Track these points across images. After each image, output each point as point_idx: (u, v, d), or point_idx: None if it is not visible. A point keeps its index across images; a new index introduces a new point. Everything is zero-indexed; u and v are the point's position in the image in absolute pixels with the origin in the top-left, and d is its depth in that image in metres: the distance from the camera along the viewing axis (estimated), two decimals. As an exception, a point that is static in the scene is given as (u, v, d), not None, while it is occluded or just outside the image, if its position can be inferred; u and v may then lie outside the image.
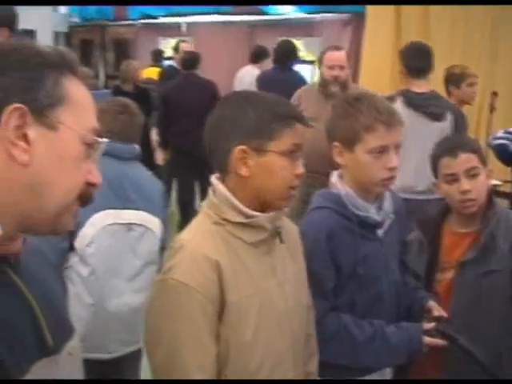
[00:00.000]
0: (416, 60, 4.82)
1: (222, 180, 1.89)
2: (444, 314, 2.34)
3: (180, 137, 6.91)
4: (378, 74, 10.12)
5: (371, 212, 2.29)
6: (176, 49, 9.06)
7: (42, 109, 1.19)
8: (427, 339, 2.25)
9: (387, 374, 2.45)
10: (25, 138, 1.17)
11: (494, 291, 2.41)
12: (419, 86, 4.73)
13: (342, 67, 5.13)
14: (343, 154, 2.26)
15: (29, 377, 1.31)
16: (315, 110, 4.58)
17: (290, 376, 1.94)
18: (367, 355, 2.27)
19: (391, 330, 2.28)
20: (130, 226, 3.02)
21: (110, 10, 14.90)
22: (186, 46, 8.82)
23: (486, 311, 2.42)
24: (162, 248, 3.13)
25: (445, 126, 4.55)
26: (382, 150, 2.19)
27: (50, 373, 1.40)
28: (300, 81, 6.89)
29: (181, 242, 1.83)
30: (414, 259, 2.56)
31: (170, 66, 9.11)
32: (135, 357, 3.18)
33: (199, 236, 1.84)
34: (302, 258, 2.09)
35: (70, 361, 1.49)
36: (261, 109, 1.83)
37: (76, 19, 16.12)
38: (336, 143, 2.27)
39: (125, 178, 3.05)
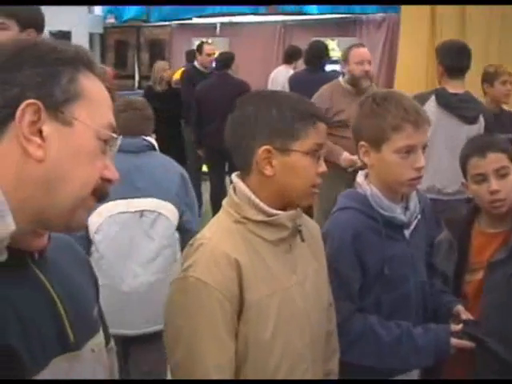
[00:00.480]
0: (453, 59, 4.71)
1: (243, 178, 1.89)
2: (471, 317, 2.31)
3: (213, 136, 6.94)
4: (414, 74, 10.06)
5: (397, 212, 2.27)
6: (199, 50, 9.01)
7: (58, 104, 1.20)
8: (454, 341, 2.22)
9: (414, 375, 2.42)
10: (40, 133, 1.18)
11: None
12: (455, 87, 4.64)
13: (369, 62, 5.22)
14: (370, 154, 2.24)
15: (46, 371, 1.33)
16: (349, 108, 4.53)
17: (309, 374, 1.93)
18: (394, 356, 2.24)
19: (418, 331, 2.25)
20: (142, 212, 3.18)
21: (144, 10, 15.00)
22: (208, 49, 8.79)
23: (517, 313, 2.38)
24: (187, 230, 3.26)
25: (476, 129, 4.49)
26: (410, 150, 2.16)
27: (70, 368, 1.41)
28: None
29: (201, 240, 1.83)
30: (443, 260, 2.54)
31: (194, 67, 9.04)
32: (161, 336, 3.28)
33: (219, 234, 1.83)
34: (323, 256, 2.08)
35: (93, 358, 1.51)
36: (284, 108, 1.83)
37: (112, 20, 16.26)
38: (362, 142, 2.25)
39: (134, 170, 3.20)
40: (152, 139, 3.47)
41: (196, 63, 9.01)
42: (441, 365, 2.37)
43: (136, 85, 14.56)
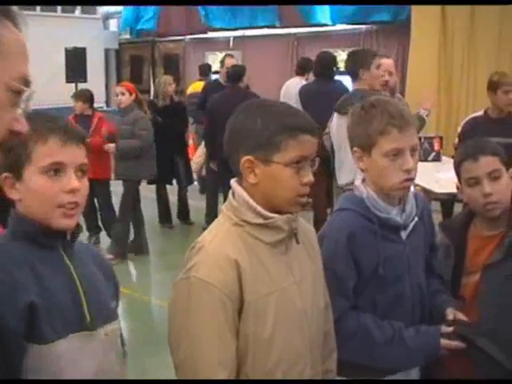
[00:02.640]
0: None
1: (240, 184, 1.97)
2: (463, 317, 2.37)
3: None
4: (425, 82, 10.08)
5: (393, 214, 2.35)
6: (222, 63, 9.22)
7: None
8: (444, 342, 2.29)
9: (413, 373, 2.48)
10: None
11: (519, 294, 2.42)
12: None
13: (390, 73, 5.37)
14: (363, 159, 2.34)
15: (63, 342, 1.55)
16: None
17: (308, 373, 1.99)
18: (384, 357, 2.32)
19: (409, 333, 2.32)
20: None
21: (156, 24, 15.15)
22: (229, 62, 8.94)
23: (512, 314, 2.43)
24: None
25: None
26: (397, 153, 2.25)
27: (83, 345, 1.63)
28: (344, 91, 6.94)
29: (202, 243, 1.91)
30: (440, 263, 2.59)
31: (215, 80, 9.28)
32: None
33: (219, 237, 1.91)
34: (319, 259, 2.15)
35: (106, 341, 1.71)
36: (268, 119, 1.89)
37: (127, 36, 16.42)
38: (355, 148, 2.35)
39: None
40: None
41: (219, 76, 9.21)
42: (441, 362, 2.42)
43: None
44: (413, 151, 2.28)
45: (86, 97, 7.77)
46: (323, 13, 11.79)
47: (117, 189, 7.72)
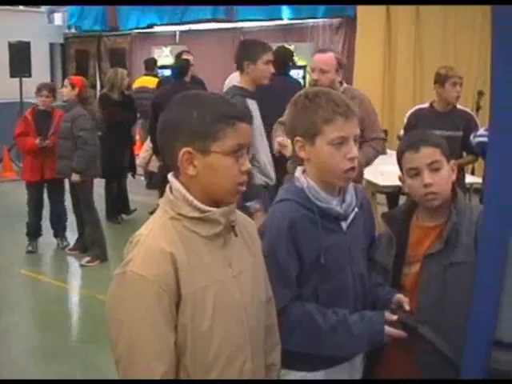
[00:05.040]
0: None
1: (177, 177, 1.96)
2: (407, 305, 2.39)
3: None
4: (371, 76, 10.21)
5: (333, 204, 2.35)
6: (178, 58, 9.09)
7: None
8: (388, 329, 2.31)
9: (358, 364, 2.50)
10: None
11: (458, 283, 2.43)
12: None
13: (322, 70, 4.88)
14: (305, 148, 2.34)
15: None
16: None
17: (249, 366, 1.99)
18: (330, 344, 2.33)
19: (354, 319, 2.33)
20: None
21: (104, 20, 15.01)
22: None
23: (452, 303, 2.44)
24: None
25: None
26: (342, 141, 2.26)
27: None
28: (298, 86, 6.95)
29: (138, 237, 1.90)
30: (383, 254, 2.60)
31: (169, 77, 9.16)
32: None
33: (156, 230, 1.90)
34: (259, 252, 2.15)
35: None
36: (204, 110, 1.89)
37: (72, 30, 16.23)
38: (298, 138, 2.35)
39: None
40: None
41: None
42: (381, 350, 2.45)
43: (98, 94, 14.52)
44: (355, 141, 2.30)
45: (53, 89, 7.50)
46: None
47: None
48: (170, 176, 1.98)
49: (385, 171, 6.19)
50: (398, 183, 2.68)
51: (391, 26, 10.41)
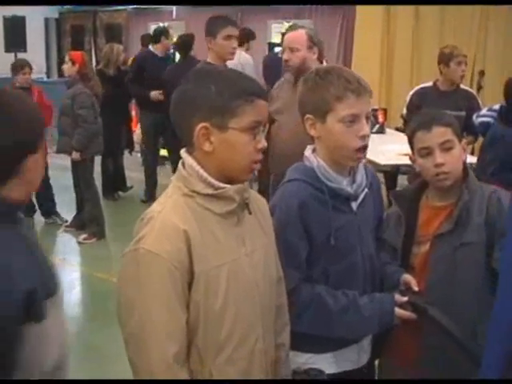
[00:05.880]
0: None
1: (190, 153, 1.92)
2: (415, 286, 2.38)
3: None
4: (369, 56, 10.18)
5: (343, 184, 2.32)
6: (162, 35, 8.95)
7: None
8: (398, 311, 2.29)
9: (365, 345, 2.49)
10: None
11: (468, 264, 2.42)
12: None
13: (291, 49, 4.37)
14: (316, 126, 2.30)
15: None
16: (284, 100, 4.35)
17: (260, 346, 1.97)
18: (340, 325, 2.31)
19: (364, 300, 2.32)
20: None
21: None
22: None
23: (461, 283, 2.43)
24: None
25: None
26: (353, 119, 2.23)
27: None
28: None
29: (151, 214, 1.86)
30: (392, 233, 2.58)
31: (149, 51, 8.95)
32: None
33: (169, 207, 1.86)
34: (271, 231, 2.12)
35: None
36: (222, 85, 1.85)
37: (67, 5, 16.08)
38: (308, 115, 2.30)
39: None
40: None
41: (151, 47, 8.96)
42: (389, 331, 2.44)
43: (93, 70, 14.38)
44: (367, 118, 2.27)
45: (29, 66, 7.46)
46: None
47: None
48: (182, 152, 1.94)
49: (385, 150, 6.16)
50: (398, 162, 2.66)
51: (390, 6, 10.37)
